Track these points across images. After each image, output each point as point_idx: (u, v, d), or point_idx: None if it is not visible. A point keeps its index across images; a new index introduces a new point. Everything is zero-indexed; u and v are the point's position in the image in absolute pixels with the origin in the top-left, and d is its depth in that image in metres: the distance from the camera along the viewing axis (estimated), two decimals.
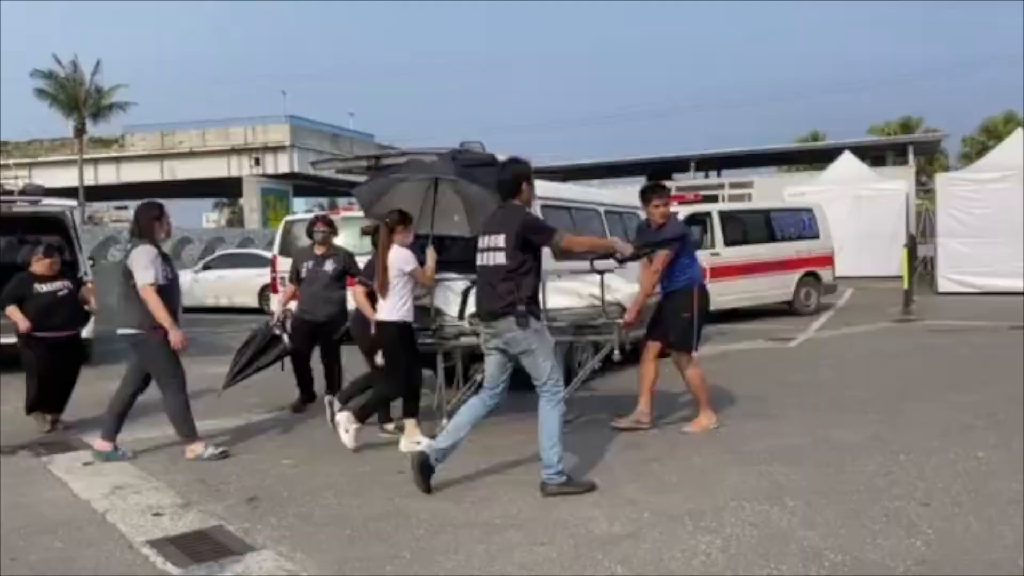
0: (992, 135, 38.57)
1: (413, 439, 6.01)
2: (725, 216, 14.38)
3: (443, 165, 6.67)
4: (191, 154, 45.46)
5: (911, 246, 17.47)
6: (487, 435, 6.31)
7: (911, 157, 30.51)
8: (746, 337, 11.97)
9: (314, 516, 4.57)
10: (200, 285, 18.95)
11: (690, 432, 6.17)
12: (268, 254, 19.28)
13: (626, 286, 6.63)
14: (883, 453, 5.39)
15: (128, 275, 5.86)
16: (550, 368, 4.87)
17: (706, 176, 34.34)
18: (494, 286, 4.89)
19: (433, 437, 5.48)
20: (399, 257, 6.03)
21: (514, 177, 5.06)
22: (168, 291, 5.91)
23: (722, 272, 13.35)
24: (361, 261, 7.65)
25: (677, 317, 6.24)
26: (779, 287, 14.75)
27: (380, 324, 6.09)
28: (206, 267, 19.66)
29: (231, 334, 12.09)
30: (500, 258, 4.86)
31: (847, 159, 24.14)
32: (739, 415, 6.69)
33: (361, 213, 12.98)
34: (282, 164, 44.39)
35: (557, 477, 4.82)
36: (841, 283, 18.23)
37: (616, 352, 6.09)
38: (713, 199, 29.47)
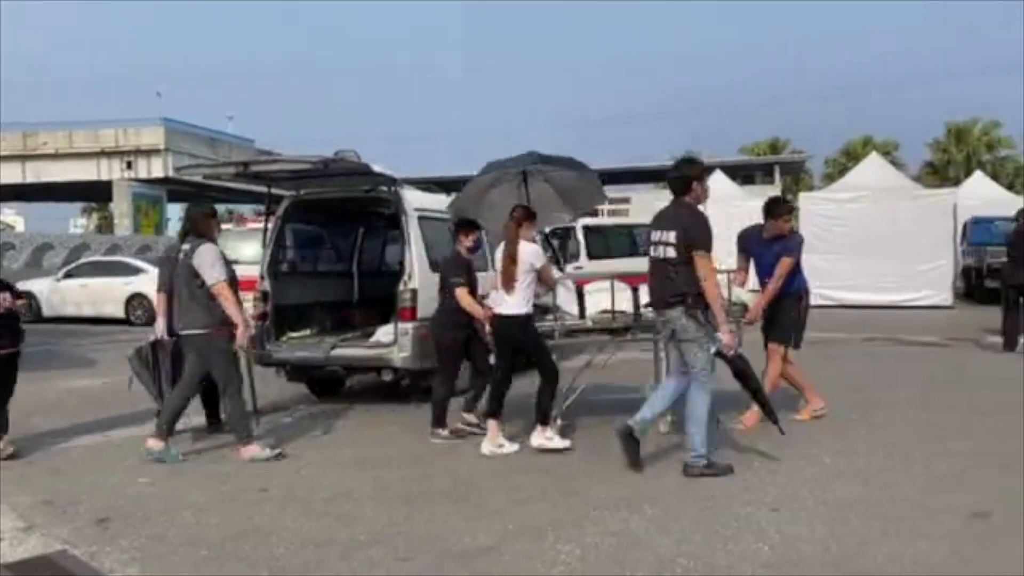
0: (852, 157, 40.88)
1: (496, 442, 6.00)
2: (589, 231, 14.67)
3: (527, 158, 6.94)
4: (57, 156, 42.95)
5: None
6: (357, 446, 6.26)
7: (778, 176, 32.08)
8: (626, 347, 12.24)
9: (168, 536, 4.39)
10: (60, 294, 17.98)
11: (800, 419, 6.78)
12: (137, 262, 18.50)
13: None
14: (739, 460, 5.60)
15: (194, 275, 5.89)
16: (704, 360, 5.29)
17: None
18: (666, 278, 5.33)
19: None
20: (531, 252, 6.04)
21: (685, 176, 5.43)
22: (232, 288, 6.00)
23: (585, 285, 13.73)
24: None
25: (787, 316, 6.88)
26: (642, 300, 15.06)
27: (507, 318, 6.04)
28: (68, 275, 18.61)
29: (94, 347, 11.50)
30: (671, 252, 5.29)
31: (719, 177, 25.06)
32: (608, 427, 6.84)
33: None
34: (156, 168, 42.51)
35: (699, 460, 5.25)
36: None
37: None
38: (593, 213, 30.11)
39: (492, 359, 6.53)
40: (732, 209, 23.27)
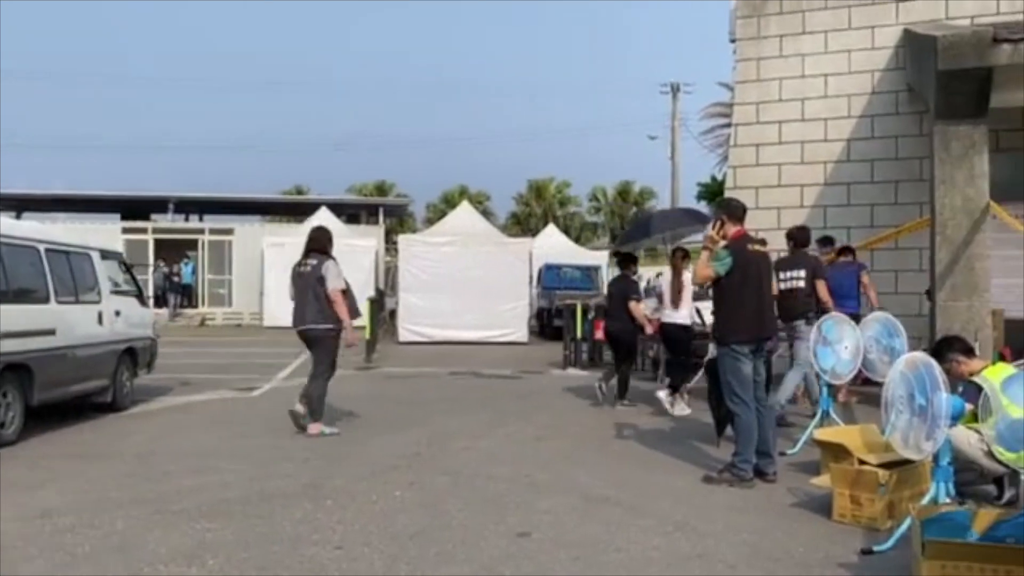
0: (450, 204, 44.07)
1: (682, 403, 9.14)
2: None
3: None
4: None
5: (377, 299, 18.90)
6: None
7: (382, 218, 33.21)
8: (212, 387, 11.69)
9: None
10: None
11: None
12: None
13: None
14: (313, 499, 5.61)
15: (322, 282, 7.70)
16: (806, 354, 7.58)
17: (186, 219, 33.17)
18: (795, 299, 8.22)
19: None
20: (690, 280, 8.66)
21: (805, 237, 8.76)
22: (349, 295, 7.90)
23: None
24: None
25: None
26: None
27: (681, 326, 9.31)
28: None
29: None
30: (801, 284, 8.27)
31: (324, 214, 25.35)
32: (181, 471, 6.44)
33: None
34: None
35: (780, 409, 7.96)
36: None
37: None
38: (193, 244, 28.54)
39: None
40: (339, 246, 23.72)
